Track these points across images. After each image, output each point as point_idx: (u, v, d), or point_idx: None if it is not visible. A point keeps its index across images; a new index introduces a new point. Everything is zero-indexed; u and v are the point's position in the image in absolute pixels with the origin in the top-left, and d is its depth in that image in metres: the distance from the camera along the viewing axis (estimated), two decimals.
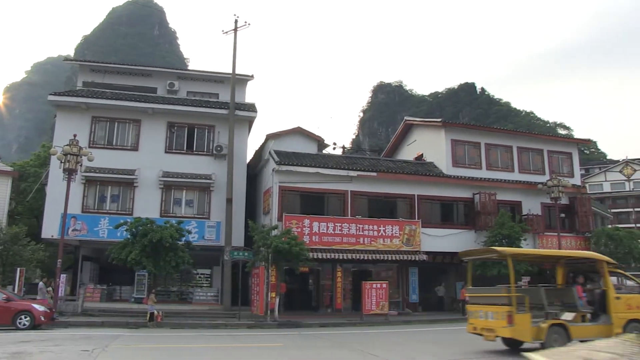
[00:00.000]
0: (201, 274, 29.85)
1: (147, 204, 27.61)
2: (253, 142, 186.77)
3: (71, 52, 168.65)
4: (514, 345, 13.93)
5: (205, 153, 29.76)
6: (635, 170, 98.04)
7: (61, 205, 22.74)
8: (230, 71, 29.89)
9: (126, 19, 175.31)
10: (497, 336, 13.62)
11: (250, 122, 31.41)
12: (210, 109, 29.81)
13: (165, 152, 29.28)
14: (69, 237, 26.05)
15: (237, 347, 15.38)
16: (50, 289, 23.10)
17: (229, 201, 27.42)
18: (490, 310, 13.64)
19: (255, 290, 26.60)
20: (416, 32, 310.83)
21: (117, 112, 29.01)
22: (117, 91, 30.07)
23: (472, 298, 15.64)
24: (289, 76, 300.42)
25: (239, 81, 30.96)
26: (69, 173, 22.34)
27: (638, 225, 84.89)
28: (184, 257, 23.17)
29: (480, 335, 14.08)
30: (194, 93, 32.04)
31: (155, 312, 21.26)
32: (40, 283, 23.29)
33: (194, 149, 29.82)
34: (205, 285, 29.59)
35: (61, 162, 22.25)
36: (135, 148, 29.02)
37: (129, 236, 23.17)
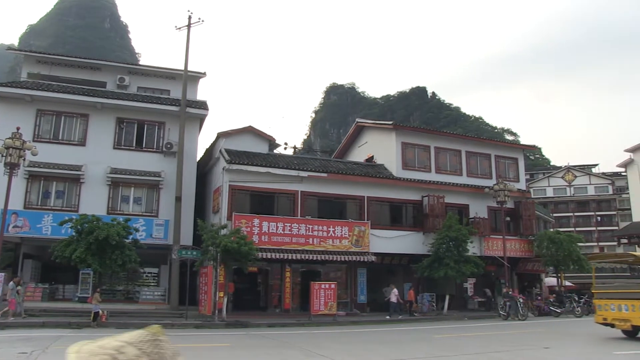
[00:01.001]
0: (148, 272, 29.38)
1: (93, 201, 27.00)
2: (204, 140, 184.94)
3: (15, 41, 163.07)
4: (632, 335, 16.21)
5: (154, 150, 29.32)
6: (576, 177, 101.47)
7: (1, 200, 21.99)
8: (183, 68, 29.56)
9: (76, 9, 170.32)
10: (632, 325, 15.56)
11: (201, 119, 31.11)
12: (161, 106, 29.37)
13: (114, 148, 28.69)
14: (9, 234, 25.14)
15: (184, 347, 15.20)
16: (20, 288, 22.17)
17: (178, 199, 27.12)
18: (624, 303, 15.98)
19: (203, 289, 26.37)
20: (370, 35, 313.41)
21: (64, 106, 28.24)
22: (64, 84, 29.22)
23: (600, 294, 17.95)
24: (242, 75, 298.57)
25: (191, 78, 30.62)
26: (11, 167, 21.62)
27: (577, 229, 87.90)
28: (131, 256, 22.77)
29: (611, 325, 16.35)
30: (145, 89, 31.49)
31: (100, 311, 20.84)
32: (11, 283, 22.44)
33: (144, 146, 29.33)
34: (152, 284, 29.14)
35: (2, 155, 21.51)
36: (82, 143, 28.33)
37: (73, 233, 22.61)
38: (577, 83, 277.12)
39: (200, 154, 31.99)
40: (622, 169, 73.47)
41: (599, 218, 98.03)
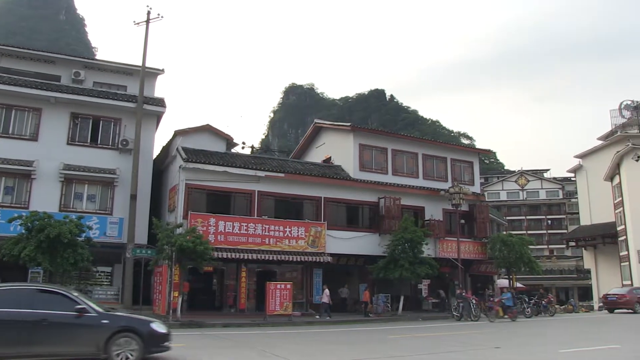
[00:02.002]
0: (101, 271, 28.69)
1: (45, 198, 26.25)
2: (161, 138, 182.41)
3: None
4: None
5: (110, 147, 28.74)
6: (528, 181, 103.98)
7: None
8: (140, 64, 29.10)
9: None
10: None
11: (158, 117, 30.69)
12: (117, 102, 28.80)
13: (68, 143, 27.98)
14: None
15: None
16: None
17: (133, 197, 26.68)
18: None
19: (158, 289, 26.04)
20: (330, 36, 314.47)
21: (14, 99, 27.39)
22: (15, 77, 28.36)
23: None
24: (200, 73, 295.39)
25: (148, 74, 30.15)
26: None
27: (529, 232, 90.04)
28: (84, 254, 22.29)
29: None
30: (101, 84, 30.80)
31: None
32: None
33: (99, 142, 28.72)
34: (105, 283, 28.50)
35: None
36: (34, 138, 27.54)
37: (23, 231, 22.01)
38: (530, 90, 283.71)
39: (156, 151, 31.53)
40: (572, 174, 75.72)
41: (549, 221, 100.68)
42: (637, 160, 53.49)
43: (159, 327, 11.75)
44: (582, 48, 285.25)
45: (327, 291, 27.87)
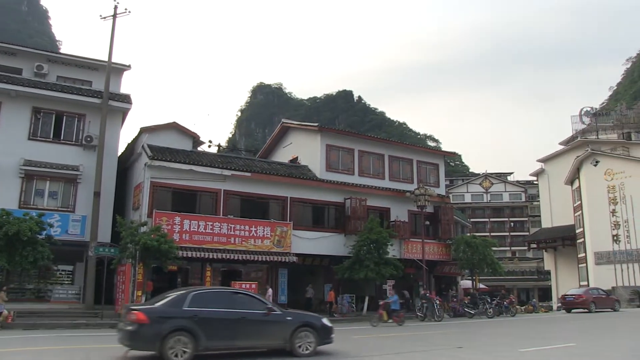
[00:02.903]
0: (62, 270, 28.11)
1: (3, 194, 25.55)
2: (126, 134, 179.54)
3: None
4: None
5: (73, 143, 28.20)
6: (492, 184, 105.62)
7: None
8: (106, 59, 28.63)
9: None
10: None
11: (124, 113, 30.23)
12: (81, 97, 28.26)
13: (29, 139, 27.33)
14: None
15: (97, 347, 14.76)
16: None
17: (97, 195, 26.25)
18: None
19: (121, 288, 25.64)
20: (298, 35, 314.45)
21: None
22: None
23: None
24: (167, 70, 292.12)
25: (114, 70, 29.69)
26: None
27: (492, 234, 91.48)
28: (44, 252, 21.86)
29: None
30: (65, 78, 30.17)
31: (5, 311, 19.89)
32: None
33: (62, 138, 28.13)
34: (66, 282, 27.95)
35: None
36: None
37: None
38: (496, 94, 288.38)
39: (121, 148, 31.10)
40: (534, 178, 77.22)
41: (512, 224, 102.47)
42: (595, 165, 54.90)
43: (327, 322, 13.73)
44: (546, 55, 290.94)
45: (270, 291, 27.40)
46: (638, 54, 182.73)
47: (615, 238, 52.07)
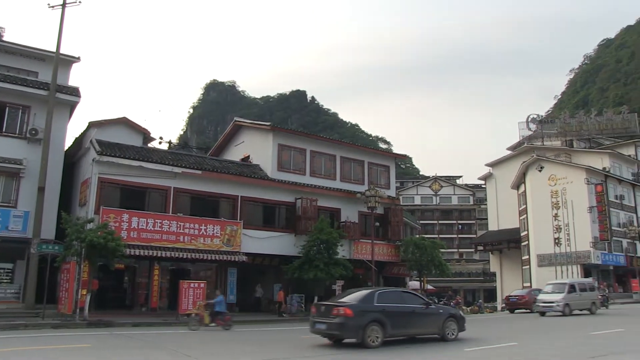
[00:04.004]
0: (1, 268, 27.12)
1: None
2: (74, 128, 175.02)
3: None
4: None
5: (16, 135, 27.21)
6: (442, 187, 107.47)
7: None
8: (54, 49, 27.78)
9: None
10: None
11: (72, 106, 29.42)
12: (26, 88, 27.27)
13: None
14: None
15: (37, 349, 14.29)
16: None
17: (41, 190, 25.46)
18: None
19: (65, 287, 24.92)
20: (253, 33, 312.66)
21: None
22: None
23: None
24: (119, 64, 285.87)
25: (63, 61, 28.82)
26: None
27: (441, 236, 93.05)
28: None
29: None
30: (9, 68, 29.06)
31: None
32: None
33: (4, 130, 27.05)
34: (5, 281, 26.85)
35: None
36: None
37: None
38: (448, 98, 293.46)
39: (69, 143, 30.25)
40: (482, 182, 79.04)
41: (460, 226, 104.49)
42: (540, 171, 56.61)
43: (463, 313, 17.75)
44: (497, 62, 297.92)
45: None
46: (580, 65, 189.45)
47: (556, 241, 53.83)
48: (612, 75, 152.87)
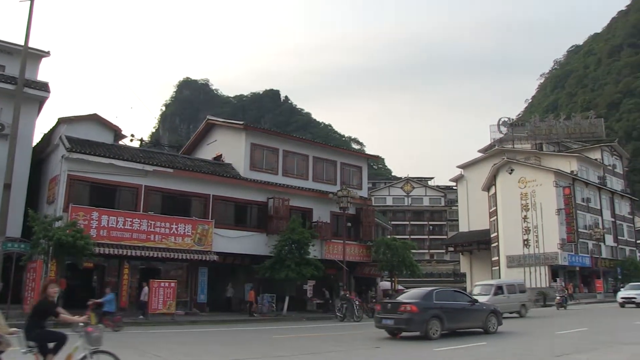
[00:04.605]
0: None
1: None
2: (42, 124, 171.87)
3: None
4: None
5: None
6: (413, 188, 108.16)
7: None
8: (22, 43, 27.16)
9: None
10: None
11: (41, 102, 28.88)
12: None
13: None
14: None
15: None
16: None
17: (7, 187, 24.78)
18: None
19: (31, 286, 24.46)
20: (226, 31, 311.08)
21: None
22: None
23: None
24: (90, 61, 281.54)
25: (31, 55, 28.19)
26: None
27: (412, 236, 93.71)
28: None
29: None
30: None
31: None
32: None
33: None
34: None
35: None
36: None
37: None
38: (420, 101, 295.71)
39: (37, 139, 29.69)
40: (454, 184, 79.78)
41: (431, 227, 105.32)
42: (510, 173, 57.41)
43: (499, 309, 20.26)
44: (471, 65, 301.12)
45: (145, 289, 25.96)
46: (550, 70, 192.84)
47: (525, 242, 54.67)
48: (580, 81, 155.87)
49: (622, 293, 37.19)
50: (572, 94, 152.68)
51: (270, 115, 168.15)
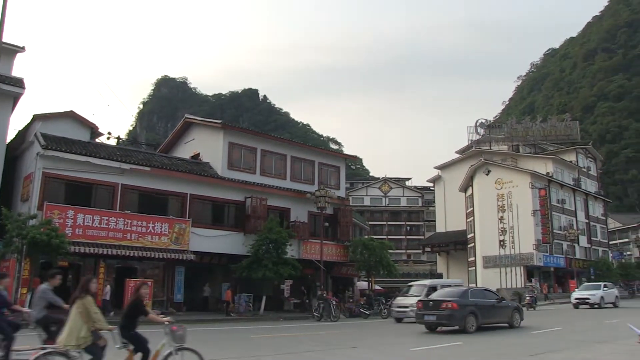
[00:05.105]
0: None
1: None
2: (17, 121, 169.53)
3: None
4: None
5: None
6: (391, 188, 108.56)
7: None
8: None
9: None
10: None
11: (15, 98, 28.41)
12: None
13: None
14: None
15: None
16: None
17: None
18: None
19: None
20: (205, 29, 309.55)
21: None
22: None
23: None
24: (66, 58, 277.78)
25: (6, 51, 27.68)
26: None
27: (389, 237, 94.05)
28: None
29: None
30: None
31: None
32: None
33: None
34: None
35: None
36: None
37: None
38: (398, 101, 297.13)
39: (12, 136, 29.26)
40: (431, 184, 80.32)
41: (408, 227, 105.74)
42: (487, 174, 57.96)
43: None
44: (450, 67, 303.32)
45: (108, 287, 25.90)
46: (527, 73, 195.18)
47: (501, 243, 55.24)
48: (556, 84, 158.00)
49: (576, 294, 36.33)
50: (548, 96, 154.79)
51: (248, 115, 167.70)
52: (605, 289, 35.45)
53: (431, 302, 19.58)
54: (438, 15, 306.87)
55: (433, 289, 26.44)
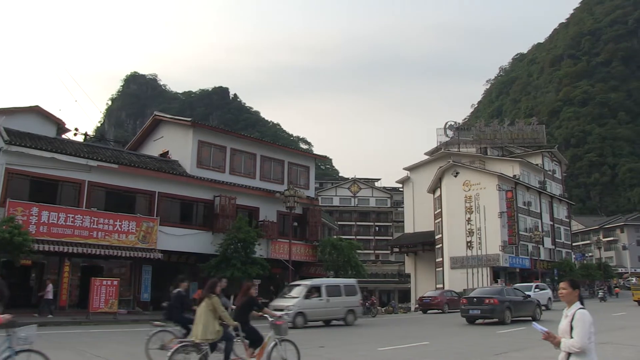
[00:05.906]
0: None
1: None
2: None
3: None
4: None
5: None
6: (360, 189, 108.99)
7: None
8: None
9: None
10: None
11: None
12: None
13: None
14: None
15: None
16: None
17: None
18: None
19: None
20: (173, 25, 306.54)
21: None
22: None
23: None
24: (32, 51, 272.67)
25: None
26: None
27: (358, 237, 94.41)
28: None
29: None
30: None
31: None
32: None
33: None
34: None
35: None
36: None
37: None
38: (369, 103, 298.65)
39: None
40: (400, 185, 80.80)
41: (377, 228, 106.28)
42: (455, 176, 58.60)
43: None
44: (421, 68, 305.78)
45: (50, 286, 25.03)
46: (496, 76, 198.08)
47: (469, 244, 55.88)
48: (523, 88, 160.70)
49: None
50: (516, 100, 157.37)
51: (218, 113, 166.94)
52: (536, 290, 34.94)
53: (475, 299, 23.42)
54: (410, 18, 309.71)
55: (316, 289, 23.82)
